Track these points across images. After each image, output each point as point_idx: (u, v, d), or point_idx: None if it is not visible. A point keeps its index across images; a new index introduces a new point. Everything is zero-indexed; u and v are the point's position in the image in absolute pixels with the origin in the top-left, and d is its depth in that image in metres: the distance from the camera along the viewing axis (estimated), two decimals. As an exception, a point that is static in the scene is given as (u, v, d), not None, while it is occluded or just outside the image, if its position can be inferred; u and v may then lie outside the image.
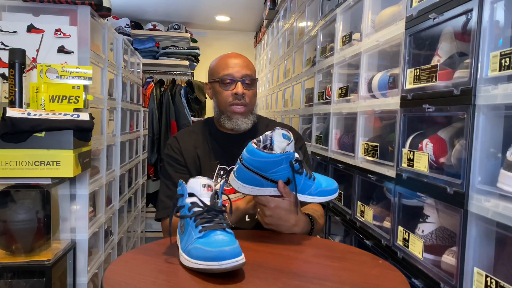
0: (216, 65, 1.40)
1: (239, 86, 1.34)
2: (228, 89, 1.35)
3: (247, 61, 1.40)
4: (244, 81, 1.35)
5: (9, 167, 1.35)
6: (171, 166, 1.38)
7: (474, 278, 0.91)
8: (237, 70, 1.35)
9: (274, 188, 1.08)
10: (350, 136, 1.78)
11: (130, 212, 2.99)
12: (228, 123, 1.37)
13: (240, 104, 1.35)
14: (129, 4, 4.32)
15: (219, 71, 1.37)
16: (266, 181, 1.07)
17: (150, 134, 4.06)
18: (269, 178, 1.07)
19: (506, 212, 0.82)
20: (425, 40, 1.25)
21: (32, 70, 1.65)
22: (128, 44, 2.73)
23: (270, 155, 1.03)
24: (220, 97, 1.38)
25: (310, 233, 1.23)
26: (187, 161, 1.37)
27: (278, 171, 1.05)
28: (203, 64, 4.97)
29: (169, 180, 1.37)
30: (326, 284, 0.85)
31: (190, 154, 1.38)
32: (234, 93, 1.34)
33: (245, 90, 1.36)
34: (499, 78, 0.87)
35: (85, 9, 1.74)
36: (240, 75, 1.35)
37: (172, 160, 1.39)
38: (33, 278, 1.46)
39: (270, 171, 1.05)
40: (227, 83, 1.35)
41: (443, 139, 1.13)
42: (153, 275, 0.87)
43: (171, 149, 1.41)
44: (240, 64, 1.36)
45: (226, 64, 1.37)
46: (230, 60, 1.37)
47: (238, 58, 1.39)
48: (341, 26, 1.88)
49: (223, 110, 1.38)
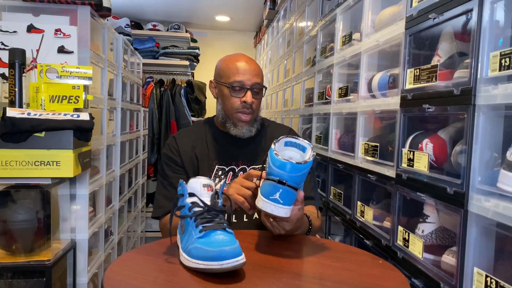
0: (226, 68, 1.37)
1: (248, 96, 1.33)
2: (237, 96, 1.34)
3: (258, 68, 1.38)
4: (253, 90, 1.34)
5: (9, 167, 1.35)
6: (168, 166, 1.39)
7: (474, 278, 0.91)
8: (248, 78, 1.33)
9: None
10: (350, 136, 1.78)
11: (130, 212, 2.99)
12: (234, 130, 1.37)
13: (248, 112, 1.35)
14: (129, 4, 4.32)
15: (229, 75, 1.35)
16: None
17: (150, 134, 4.06)
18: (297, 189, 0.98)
19: (506, 212, 0.82)
20: (425, 40, 1.25)
21: (32, 70, 1.65)
22: (128, 44, 2.73)
23: (309, 163, 0.95)
24: (227, 102, 1.36)
25: (308, 233, 1.24)
26: (184, 162, 1.38)
27: (302, 179, 0.99)
28: (203, 64, 4.97)
29: (165, 180, 1.38)
30: (326, 284, 0.85)
31: (188, 154, 1.39)
32: (243, 101, 1.33)
33: (253, 98, 1.34)
34: (499, 78, 0.87)
35: (85, 9, 1.74)
36: (250, 83, 1.33)
37: (169, 160, 1.39)
38: (33, 278, 1.46)
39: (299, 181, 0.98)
40: (237, 90, 1.33)
41: (443, 139, 1.13)
42: (154, 275, 0.87)
43: (169, 149, 1.41)
44: (251, 72, 1.34)
45: (237, 70, 1.34)
46: (242, 66, 1.34)
47: (249, 64, 1.36)
48: (341, 26, 1.88)
49: (229, 115, 1.37)
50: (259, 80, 1.36)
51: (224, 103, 1.38)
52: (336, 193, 1.90)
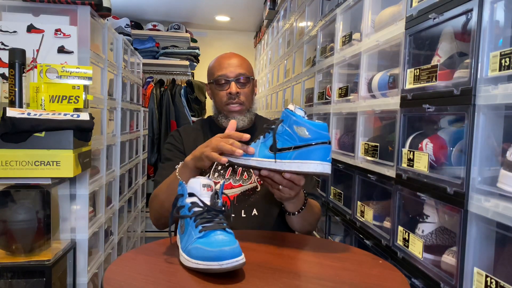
0: (211, 67, 1.44)
1: (233, 86, 1.38)
2: (223, 89, 1.39)
3: (241, 60, 1.42)
4: (238, 80, 1.38)
5: (9, 167, 1.35)
6: (170, 151, 1.42)
7: (474, 278, 0.91)
8: (230, 70, 1.38)
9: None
10: (350, 136, 1.78)
11: (130, 212, 2.99)
12: (225, 121, 1.41)
13: (235, 103, 1.39)
14: (129, 4, 4.32)
15: (214, 72, 1.41)
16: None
17: (150, 134, 4.06)
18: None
19: (506, 212, 0.82)
20: (425, 40, 1.25)
21: (32, 70, 1.64)
22: (128, 44, 2.73)
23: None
24: (216, 98, 1.43)
25: (303, 208, 1.20)
26: (186, 151, 1.40)
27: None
28: (203, 64, 4.97)
29: (165, 162, 1.40)
30: (326, 284, 0.85)
31: (190, 147, 1.41)
32: (228, 93, 1.38)
33: (240, 89, 1.39)
34: (499, 78, 0.87)
35: (85, 9, 1.74)
36: (233, 75, 1.38)
37: (172, 147, 1.43)
38: (33, 278, 1.46)
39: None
40: (221, 84, 1.39)
41: (443, 139, 1.13)
42: (153, 275, 0.87)
43: (172, 138, 1.45)
44: (234, 64, 1.39)
45: (220, 65, 1.40)
46: (224, 61, 1.41)
47: (232, 58, 1.41)
48: (341, 26, 1.88)
49: (220, 110, 1.43)
50: (243, 70, 1.39)
51: (214, 100, 1.44)
52: (336, 193, 1.90)
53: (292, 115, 0.98)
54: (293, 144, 0.97)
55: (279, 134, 0.99)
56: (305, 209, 1.20)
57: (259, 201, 1.33)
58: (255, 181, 1.36)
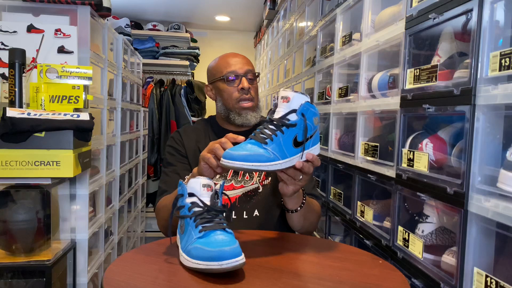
0: (217, 65, 1.43)
1: (244, 81, 1.37)
2: (233, 85, 1.38)
3: (246, 58, 1.44)
4: (247, 76, 1.38)
5: (9, 167, 1.35)
6: (172, 155, 1.41)
7: (474, 278, 0.91)
8: (239, 66, 1.38)
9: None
10: (350, 136, 1.78)
11: (130, 212, 2.99)
12: (238, 118, 1.38)
13: (248, 99, 1.38)
14: (129, 4, 4.32)
15: (221, 70, 1.40)
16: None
17: (150, 134, 4.06)
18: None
19: (506, 212, 0.82)
20: (425, 40, 1.25)
21: (32, 70, 1.64)
22: (128, 44, 2.73)
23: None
24: (225, 95, 1.39)
25: (302, 205, 1.19)
26: (188, 153, 1.40)
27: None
28: (203, 64, 4.96)
29: (169, 167, 1.39)
30: (326, 284, 0.85)
31: (192, 147, 1.41)
32: (240, 88, 1.37)
33: (250, 85, 1.38)
34: (499, 78, 0.87)
35: (85, 9, 1.74)
36: (243, 71, 1.38)
37: (173, 151, 1.42)
38: (33, 278, 1.46)
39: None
40: (232, 80, 1.38)
41: (443, 139, 1.13)
42: (153, 275, 0.87)
43: (173, 141, 1.44)
44: (241, 61, 1.40)
45: (227, 62, 1.40)
46: (231, 58, 1.41)
47: (238, 56, 1.43)
48: (341, 26, 1.88)
49: (231, 107, 1.39)
50: (251, 67, 1.41)
51: (223, 98, 1.40)
52: (336, 193, 1.90)
53: (312, 107, 1.02)
54: (309, 133, 1.02)
55: (299, 127, 1.00)
56: (305, 206, 1.20)
57: (261, 202, 1.33)
58: (256, 182, 1.36)
